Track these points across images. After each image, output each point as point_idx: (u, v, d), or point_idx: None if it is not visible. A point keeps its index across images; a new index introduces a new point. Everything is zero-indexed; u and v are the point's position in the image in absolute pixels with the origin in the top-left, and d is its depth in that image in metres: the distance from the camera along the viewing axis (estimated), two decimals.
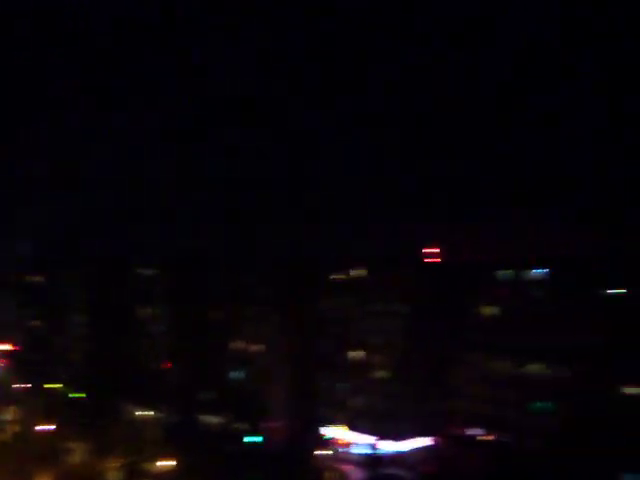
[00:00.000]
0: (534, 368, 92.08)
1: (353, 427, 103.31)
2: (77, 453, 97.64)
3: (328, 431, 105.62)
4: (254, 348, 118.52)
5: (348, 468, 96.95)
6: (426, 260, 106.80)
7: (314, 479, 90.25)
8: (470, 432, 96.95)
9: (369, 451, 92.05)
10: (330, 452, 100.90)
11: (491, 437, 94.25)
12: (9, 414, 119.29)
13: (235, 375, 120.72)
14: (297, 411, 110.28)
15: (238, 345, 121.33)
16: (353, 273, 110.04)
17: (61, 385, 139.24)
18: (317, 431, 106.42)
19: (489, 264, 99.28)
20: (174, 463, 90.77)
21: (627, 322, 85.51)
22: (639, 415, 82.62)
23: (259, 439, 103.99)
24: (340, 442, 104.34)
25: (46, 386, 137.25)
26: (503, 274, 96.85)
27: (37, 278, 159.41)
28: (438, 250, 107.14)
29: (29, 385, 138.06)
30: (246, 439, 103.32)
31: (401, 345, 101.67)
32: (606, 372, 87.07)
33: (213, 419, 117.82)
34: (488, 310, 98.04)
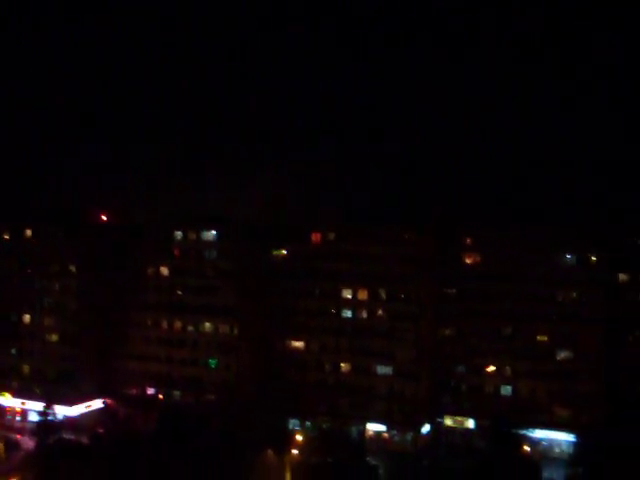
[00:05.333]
0: (204, 326, 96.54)
1: (24, 393, 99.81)
2: None
3: None
4: None
5: (20, 436, 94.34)
6: (96, 221, 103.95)
7: None
8: (142, 391, 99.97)
9: (41, 417, 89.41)
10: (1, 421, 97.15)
11: (164, 395, 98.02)
12: None
13: None
14: None
15: None
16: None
17: None
18: None
19: (159, 224, 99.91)
20: None
21: (289, 283, 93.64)
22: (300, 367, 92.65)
23: None
24: (10, 410, 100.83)
25: None
26: (175, 234, 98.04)
27: None
28: (107, 211, 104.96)
29: None
30: None
31: (74, 307, 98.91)
32: (272, 327, 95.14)
33: None
34: (160, 270, 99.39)
